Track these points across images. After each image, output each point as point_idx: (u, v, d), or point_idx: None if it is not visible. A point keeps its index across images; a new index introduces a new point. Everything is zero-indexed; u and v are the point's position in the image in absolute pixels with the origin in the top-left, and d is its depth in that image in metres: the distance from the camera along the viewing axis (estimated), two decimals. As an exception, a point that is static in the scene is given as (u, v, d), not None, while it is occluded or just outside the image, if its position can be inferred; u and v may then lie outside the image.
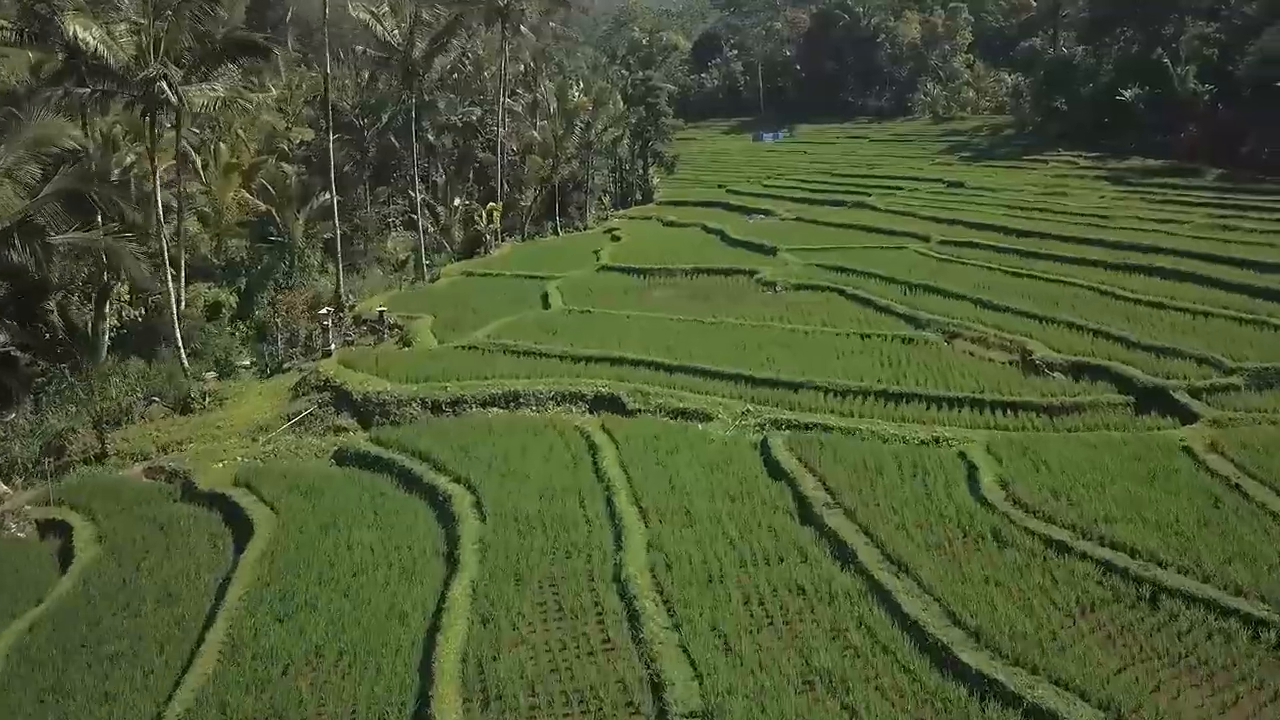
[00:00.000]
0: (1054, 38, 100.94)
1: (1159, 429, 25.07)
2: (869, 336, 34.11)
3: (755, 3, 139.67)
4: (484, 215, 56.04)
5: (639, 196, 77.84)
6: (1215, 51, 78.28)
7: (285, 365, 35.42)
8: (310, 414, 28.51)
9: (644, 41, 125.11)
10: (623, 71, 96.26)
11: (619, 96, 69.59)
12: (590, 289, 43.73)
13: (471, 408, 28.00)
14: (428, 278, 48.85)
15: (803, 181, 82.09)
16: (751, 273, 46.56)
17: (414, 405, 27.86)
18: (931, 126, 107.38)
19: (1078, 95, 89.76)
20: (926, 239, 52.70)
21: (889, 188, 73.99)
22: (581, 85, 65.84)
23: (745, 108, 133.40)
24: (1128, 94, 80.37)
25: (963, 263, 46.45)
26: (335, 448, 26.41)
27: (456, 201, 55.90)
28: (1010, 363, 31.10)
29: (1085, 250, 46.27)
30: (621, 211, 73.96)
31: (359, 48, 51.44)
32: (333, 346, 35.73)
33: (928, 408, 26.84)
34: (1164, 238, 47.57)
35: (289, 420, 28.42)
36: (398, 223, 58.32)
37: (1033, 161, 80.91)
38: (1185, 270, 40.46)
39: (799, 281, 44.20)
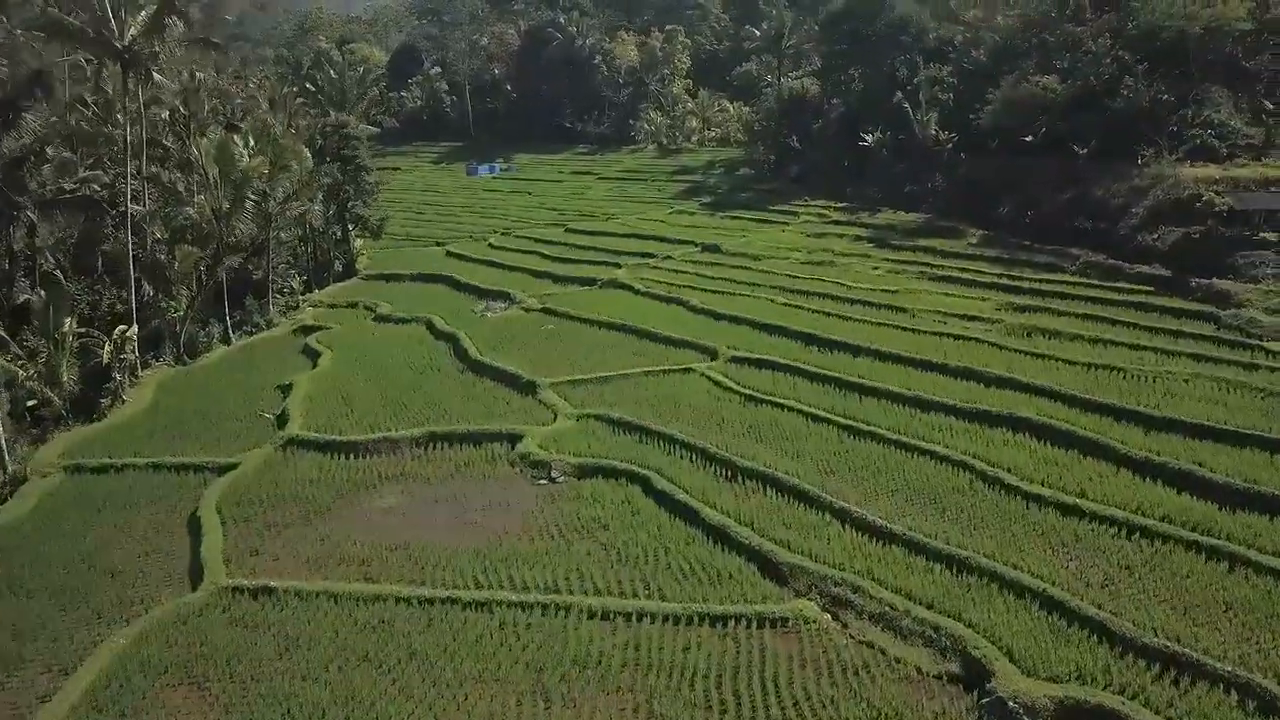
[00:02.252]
0: (778, 68, 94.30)
1: None
2: (722, 624, 21.65)
3: (458, 14, 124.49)
4: (110, 344, 38.24)
5: (339, 268, 61.41)
6: (950, 97, 73.61)
7: None
8: None
9: (334, 55, 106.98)
10: (304, 100, 78.56)
11: (306, 152, 52.92)
12: (272, 506, 28.14)
13: None
14: (9, 471, 31.01)
15: (538, 241, 69.02)
16: (511, 439, 32.91)
17: None
18: (660, 160, 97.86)
19: (811, 133, 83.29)
20: (713, 354, 41.34)
21: (640, 253, 62.57)
22: (253, 143, 48.66)
23: (454, 131, 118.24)
24: (870, 139, 74.22)
25: (773, 402, 35.29)
26: None
27: (67, 324, 37.53)
28: (949, 679, 19.75)
29: (914, 379, 36.57)
30: (318, 294, 57.30)
31: None
32: None
33: None
34: (990, 354, 38.93)
35: None
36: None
37: (781, 213, 72.58)
38: (1056, 425, 31.38)
39: (579, 457, 31.12)
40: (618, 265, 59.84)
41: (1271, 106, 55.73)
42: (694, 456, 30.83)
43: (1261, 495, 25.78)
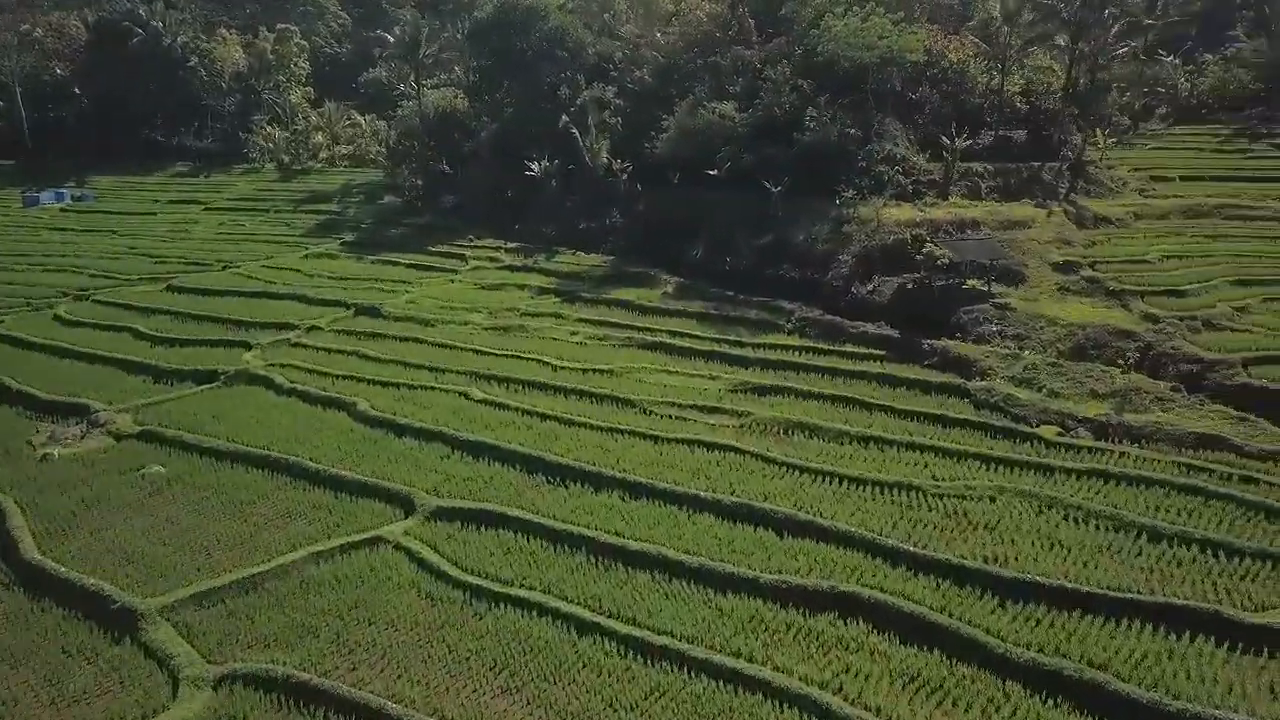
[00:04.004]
0: (416, 79, 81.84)
1: None
2: None
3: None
4: None
5: None
6: (619, 121, 66.20)
7: None
8: None
9: None
10: None
11: None
12: None
13: None
14: None
15: (129, 309, 51.70)
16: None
17: None
18: (283, 184, 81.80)
19: (465, 157, 72.41)
20: (408, 506, 29.51)
21: (275, 322, 48.27)
22: None
23: (3, 147, 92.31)
24: (536, 167, 64.80)
25: (514, 600, 24.47)
26: None
27: None
28: None
29: (686, 531, 27.33)
30: None
31: None
32: None
33: None
34: (760, 474, 30.71)
35: None
36: None
37: (445, 256, 61.31)
38: (894, 605, 23.56)
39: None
40: (247, 345, 45.22)
41: (949, 142, 53.48)
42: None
43: None
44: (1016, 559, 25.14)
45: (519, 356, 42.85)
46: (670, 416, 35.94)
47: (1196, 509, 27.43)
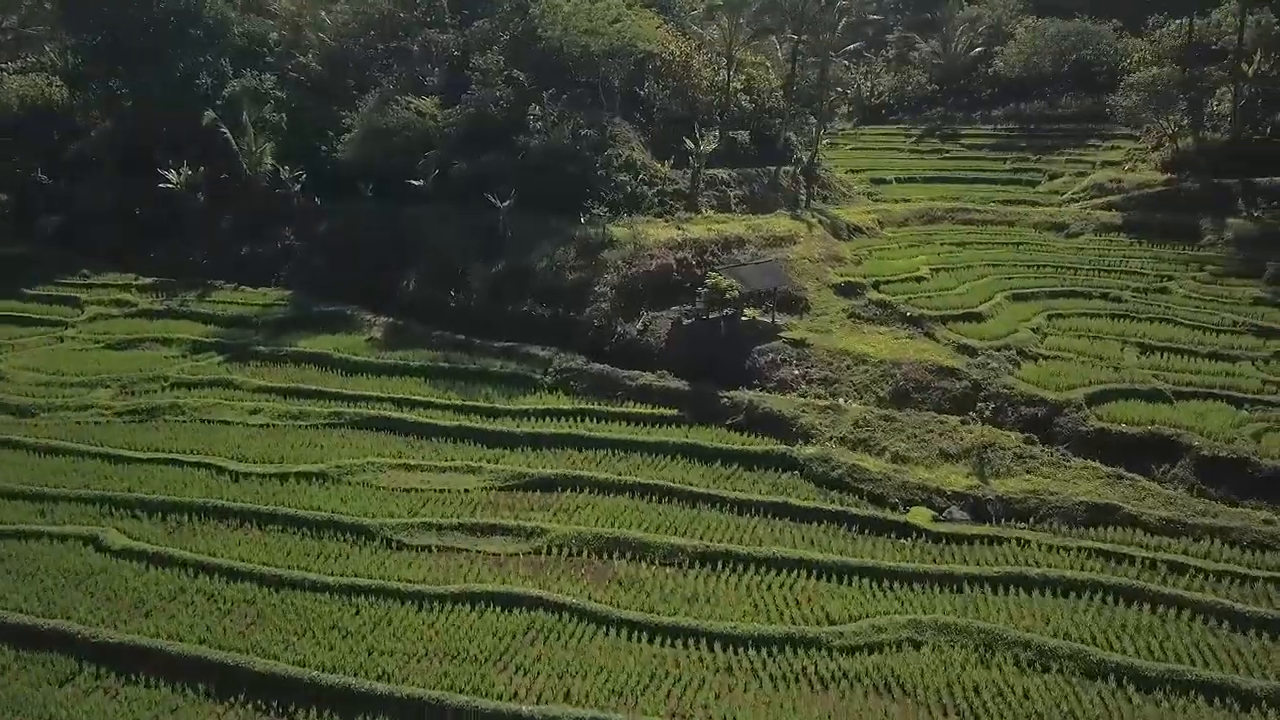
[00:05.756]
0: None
1: None
2: None
3: None
4: None
5: None
6: (284, 118, 51.91)
7: None
8: None
9: None
10: None
11: None
12: None
13: None
14: None
15: None
16: None
17: None
18: None
19: (70, 164, 54.22)
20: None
21: None
22: None
23: None
24: (175, 176, 48.97)
25: None
26: None
27: None
28: None
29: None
30: None
31: None
32: None
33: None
34: (610, 648, 20.53)
35: None
36: None
37: (49, 301, 44.62)
38: None
39: None
40: None
41: (694, 146, 45.68)
42: None
43: None
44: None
45: (177, 460, 28.96)
46: (430, 548, 24.48)
47: (1152, 626, 21.15)
